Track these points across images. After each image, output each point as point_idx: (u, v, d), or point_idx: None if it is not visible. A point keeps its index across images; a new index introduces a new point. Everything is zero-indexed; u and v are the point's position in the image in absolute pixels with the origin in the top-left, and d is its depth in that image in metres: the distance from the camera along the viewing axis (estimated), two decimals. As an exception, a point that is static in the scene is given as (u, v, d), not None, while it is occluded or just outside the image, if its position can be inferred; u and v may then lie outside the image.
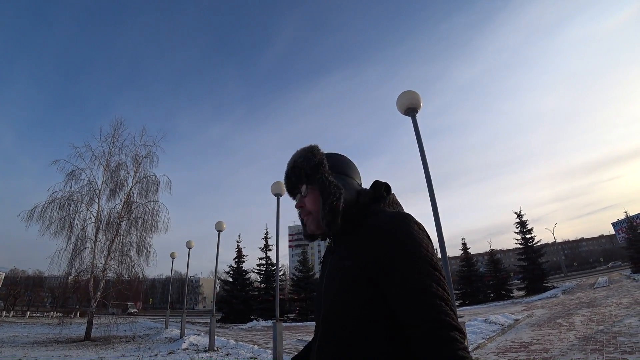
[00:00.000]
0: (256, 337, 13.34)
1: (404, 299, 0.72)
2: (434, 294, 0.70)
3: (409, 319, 0.70)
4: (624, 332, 6.87)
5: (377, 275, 0.75)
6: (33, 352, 9.58)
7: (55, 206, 13.78)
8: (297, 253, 63.59)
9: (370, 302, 0.76)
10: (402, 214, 0.83)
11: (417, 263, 0.73)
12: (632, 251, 31.24)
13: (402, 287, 0.72)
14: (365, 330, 0.75)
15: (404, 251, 0.74)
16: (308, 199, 0.95)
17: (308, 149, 0.99)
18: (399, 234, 0.76)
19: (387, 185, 0.97)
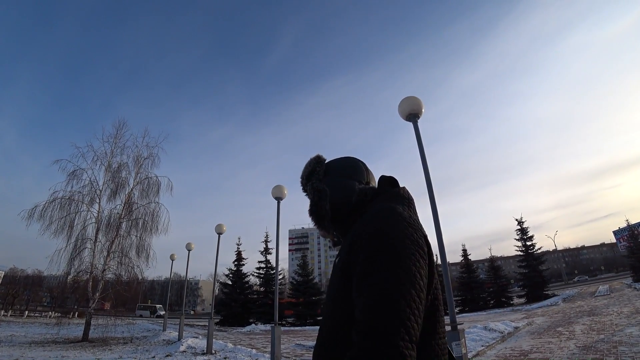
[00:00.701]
0: (254, 341, 13.27)
1: (356, 299, 0.68)
2: (384, 296, 0.63)
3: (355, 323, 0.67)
4: (624, 342, 6.82)
5: (349, 272, 0.75)
6: (30, 352, 9.55)
7: (56, 206, 13.81)
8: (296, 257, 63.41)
9: (347, 300, 0.73)
10: (384, 208, 0.81)
11: (367, 289, 0.66)
12: (634, 260, 31.06)
13: (358, 285, 0.69)
14: (340, 330, 0.73)
15: (362, 270, 0.70)
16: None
17: (311, 159, 1.08)
18: (367, 228, 0.75)
19: (391, 179, 0.99)
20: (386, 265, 0.66)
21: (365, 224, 0.77)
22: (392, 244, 0.69)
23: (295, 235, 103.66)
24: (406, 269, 0.66)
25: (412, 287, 0.65)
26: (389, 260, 0.67)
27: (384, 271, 0.66)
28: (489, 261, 30.41)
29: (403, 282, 0.64)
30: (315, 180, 1.01)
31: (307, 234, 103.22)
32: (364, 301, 0.64)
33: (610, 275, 64.08)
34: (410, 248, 0.70)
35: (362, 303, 0.65)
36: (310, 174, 1.03)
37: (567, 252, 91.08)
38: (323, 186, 0.98)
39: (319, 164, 1.05)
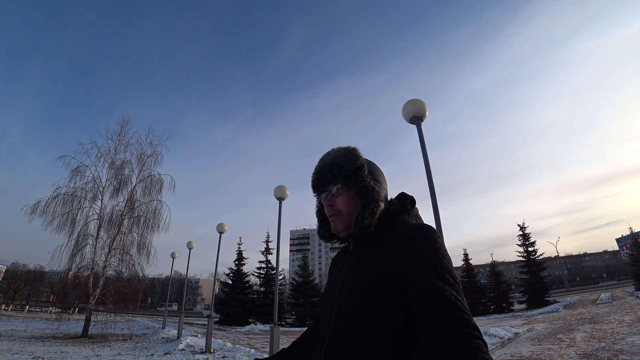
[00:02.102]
0: (253, 341, 13.26)
1: (427, 307, 0.72)
2: (455, 302, 0.70)
3: (431, 325, 0.70)
4: (625, 350, 6.76)
5: (397, 282, 0.77)
6: (30, 346, 9.59)
7: (58, 201, 13.89)
8: (297, 258, 63.40)
9: (386, 307, 0.77)
10: (426, 225, 0.86)
11: (440, 272, 0.75)
12: (636, 268, 30.81)
13: (426, 293, 0.73)
14: (375, 336, 0.76)
15: (429, 261, 0.76)
16: (341, 199, 0.95)
17: (350, 149, 0.99)
18: (424, 244, 0.79)
19: (412, 199, 0.99)
20: (448, 280, 0.74)
21: (417, 238, 0.81)
22: (447, 260, 0.78)
23: (296, 236, 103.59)
24: (459, 283, 0.76)
25: (464, 297, 0.75)
26: (449, 275, 0.75)
27: (450, 286, 0.73)
28: (490, 266, 30.32)
29: (462, 295, 0.74)
30: (368, 178, 0.95)
31: (308, 235, 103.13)
32: (446, 307, 0.70)
33: (612, 282, 63.63)
34: (452, 263, 0.80)
35: (443, 310, 0.70)
36: (359, 169, 0.95)
37: (569, 259, 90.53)
38: (378, 189, 0.94)
39: (362, 158, 0.98)
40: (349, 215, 0.93)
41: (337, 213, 0.94)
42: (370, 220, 0.89)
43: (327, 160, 0.98)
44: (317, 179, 1.01)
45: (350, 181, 0.94)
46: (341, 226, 0.94)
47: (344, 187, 0.95)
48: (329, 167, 0.97)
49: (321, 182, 1.00)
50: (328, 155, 1.00)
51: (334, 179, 0.96)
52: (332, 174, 0.96)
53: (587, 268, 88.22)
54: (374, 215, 0.89)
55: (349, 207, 0.93)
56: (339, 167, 0.95)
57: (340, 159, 0.96)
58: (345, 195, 0.94)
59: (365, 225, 0.88)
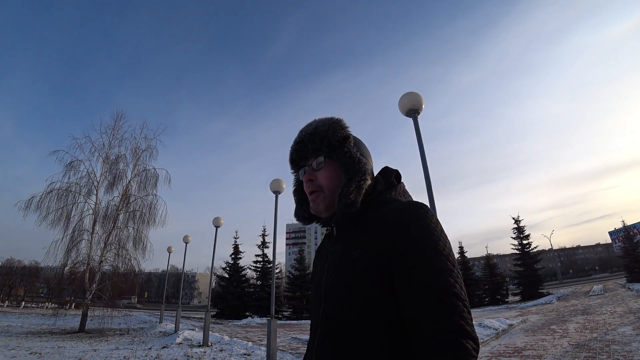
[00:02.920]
0: (250, 334, 13.34)
1: (416, 296, 0.65)
2: (450, 293, 0.63)
3: (416, 318, 0.64)
4: (617, 341, 6.89)
5: (388, 268, 0.69)
6: (27, 342, 9.57)
7: (53, 197, 13.77)
8: (293, 251, 63.67)
9: (377, 297, 0.69)
10: (418, 204, 0.75)
11: (434, 257, 0.67)
12: (628, 260, 31.30)
13: (416, 282, 0.66)
14: (367, 332, 0.69)
15: (420, 244, 0.68)
16: (323, 173, 0.84)
17: (334, 119, 0.87)
18: (415, 226, 0.70)
19: (397, 173, 0.89)
20: (443, 266, 0.66)
21: (408, 219, 0.71)
22: (443, 243, 0.70)
23: (292, 230, 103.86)
24: (457, 268, 0.68)
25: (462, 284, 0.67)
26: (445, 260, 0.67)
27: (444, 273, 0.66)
28: (485, 259, 30.63)
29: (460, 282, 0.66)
30: (354, 149, 0.84)
31: (305, 229, 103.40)
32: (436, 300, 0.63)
33: (605, 275, 64.61)
34: (450, 246, 0.72)
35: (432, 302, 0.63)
36: (345, 139, 0.85)
37: (563, 252, 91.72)
38: (367, 162, 0.84)
39: (347, 129, 0.87)
40: (331, 192, 0.82)
41: (318, 189, 0.84)
42: (357, 195, 0.78)
43: (308, 130, 0.87)
44: (296, 151, 0.89)
45: (335, 153, 0.84)
46: (322, 205, 0.83)
47: (327, 159, 0.84)
48: (310, 138, 0.85)
49: (301, 154, 0.89)
50: (309, 125, 0.89)
51: (315, 151, 0.85)
52: (314, 144, 0.85)
53: (580, 261, 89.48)
54: (360, 190, 0.79)
55: (332, 183, 0.83)
56: (322, 137, 0.84)
57: (323, 129, 0.85)
58: (327, 169, 0.84)
59: (351, 200, 0.77)
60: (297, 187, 0.97)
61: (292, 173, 0.96)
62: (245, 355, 7.76)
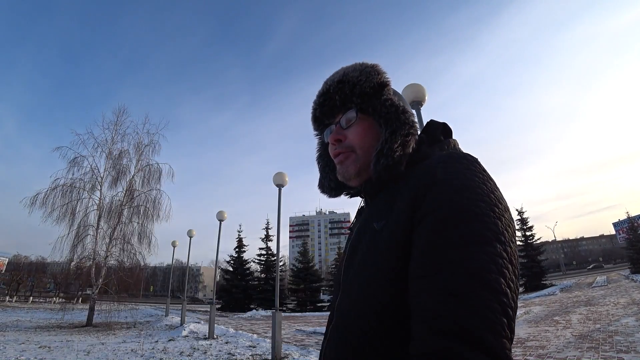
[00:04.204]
0: (255, 326, 13.48)
1: (423, 279, 0.45)
2: (474, 277, 0.41)
3: (418, 310, 0.44)
4: (620, 332, 6.90)
5: (409, 238, 0.50)
6: (36, 336, 9.73)
7: (57, 193, 13.87)
8: (297, 244, 64.01)
9: (398, 283, 0.49)
10: (460, 154, 0.56)
11: (465, 222, 0.45)
12: (632, 252, 31.21)
13: (426, 257, 0.46)
14: (390, 317, 0.50)
15: (446, 206, 0.47)
16: (355, 130, 0.66)
17: (367, 64, 0.68)
18: (447, 181, 0.50)
19: (445, 127, 0.67)
20: (479, 236, 0.44)
21: (437, 171, 0.52)
22: (488, 202, 0.47)
23: (295, 223, 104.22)
24: (505, 242, 0.45)
25: (508, 268, 0.43)
26: (483, 227, 0.45)
27: (471, 244, 0.43)
28: (488, 251, 30.62)
29: (502, 261, 0.43)
30: (395, 97, 0.66)
31: (308, 222, 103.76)
32: (442, 284, 0.42)
33: (609, 266, 64.51)
34: (503, 207, 0.49)
35: (437, 287, 0.42)
36: (382, 86, 0.66)
37: (566, 243, 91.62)
38: (411, 110, 0.65)
39: (387, 76, 0.68)
40: (365, 153, 0.64)
41: (348, 150, 0.66)
42: (402, 152, 0.59)
43: (335, 78, 0.68)
44: (319, 106, 0.71)
45: (370, 104, 0.65)
46: (353, 168, 0.65)
47: (360, 113, 0.66)
48: (338, 86, 0.67)
49: (325, 110, 0.70)
50: (337, 73, 0.70)
51: (345, 103, 0.67)
52: (343, 94, 0.66)
53: (584, 252, 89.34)
54: (407, 146, 0.60)
55: (366, 141, 0.64)
56: (353, 85, 0.65)
57: (354, 74, 0.66)
58: (360, 124, 0.66)
59: (396, 160, 0.59)
60: (322, 151, 0.79)
61: (316, 135, 0.79)
62: (250, 347, 7.85)
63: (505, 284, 0.41)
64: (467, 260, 0.42)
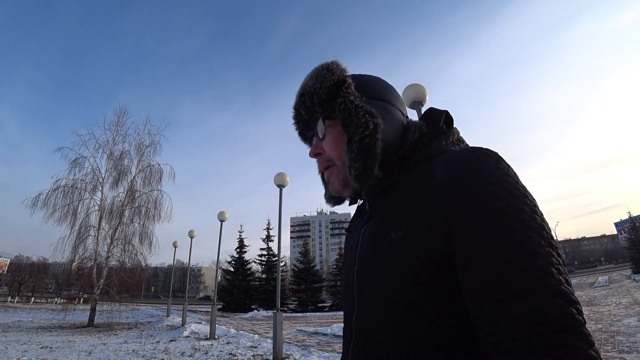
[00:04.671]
0: (256, 327, 13.49)
1: (481, 277, 0.41)
2: (539, 283, 0.38)
3: (486, 310, 0.40)
4: (622, 332, 6.88)
5: (444, 251, 0.45)
6: (37, 336, 9.74)
7: (59, 194, 13.89)
8: (298, 244, 64.05)
9: (431, 297, 0.46)
10: (483, 150, 0.50)
11: (511, 217, 0.42)
12: (634, 252, 31.14)
13: (483, 257, 0.42)
14: (419, 346, 0.46)
15: (487, 201, 0.44)
16: (327, 142, 0.62)
17: (323, 65, 0.62)
18: (480, 180, 0.46)
19: (447, 115, 0.63)
20: (529, 228, 0.42)
21: (465, 170, 0.47)
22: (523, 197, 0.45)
23: (296, 223, 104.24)
24: (548, 232, 0.43)
25: (559, 252, 0.42)
26: (529, 219, 0.43)
27: (529, 237, 0.41)
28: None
29: (554, 248, 0.42)
30: (352, 96, 0.58)
31: (309, 222, 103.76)
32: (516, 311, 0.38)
33: (610, 266, 64.35)
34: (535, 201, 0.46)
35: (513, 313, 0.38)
36: (337, 86, 0.59)
37: (568, 243, 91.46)
38: (371, 108, 0.56)
39: (339, 71, 0.60)
40: (344, 163, 0.59)
41: (329, 163, 0.62)
42: (363, 160, 0.54)
43: (298, 92, 0.64)
44: (297, 123, 0.67)
45: (331, 108, 0.60)
46: (337, 183, 0.61)
47: (327, 121, 0.61)
48: (301, 100, 0.63)
49: (302, 125, 0.66)
50: (301, 84, 0.65)
51: (311, 115, 0.63)
52: (306, 107, 0.62)
53: (586, 252, 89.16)
54: (367, 152, 0.54)
55: (340, 151, 0.59)
56: (311, 95, 0.60)
57: (310, 83, 0.61)
58: (331, 134, 0.61)
59: (359, 171, 0.54)
60: None
61: (306, 145, 0.73)
62: (251, 348, 7.85)
63: (559, 266, 0.40)
64: (540, 279, 0.39)
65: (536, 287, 0.38)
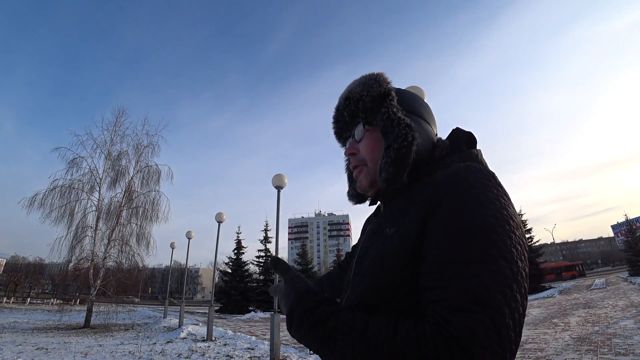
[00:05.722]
0: (254, 328, 13.45)
1: (429, 289, 0.47)
2: (470, 294, 0.43)
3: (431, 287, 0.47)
4: (619, 334, 6.91)
5: (419, 247, 0.52)
6: (33, 338, 9.68)
7: (56, 194, 13.83)
8: (296, 246, 63.97)
9: (405, 282, 0.53)
10: (475, 167, 0.56)
11: (472, 238, 0.46)
12: (631, 254, 31.26)
13: (432, 272, 0.48)
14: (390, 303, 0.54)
15: (457, 215, 0.49)
16: (364, 144, 0.70)
17: (369, 75, 0.71)
18: (459, 191, 0.51)
19: (470, 136, 0.68)
20: (481, 252, 0.45)
21: (456, 185, 0.53)
22: (495, 224, 0.48)
23: (294, 224, 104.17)
24: (507, 260, 0.45)
25: (512, 286, 0.44)
26: (486, 246, 0.46)
27: (473, 262, 0.45)
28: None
29: (498, 280, 0.43)
30: (395, 108, 0.65)
31: (307, 223, 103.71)
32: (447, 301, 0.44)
33: (607, 268, 64.62)
34: (517, 232, 0.49)
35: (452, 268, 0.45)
36: (382, 97, 0.67)
37: (565, 245, 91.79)
38: (411, 122, 0.64)
39: (386, 84, 0.69)
40: (375, 165, 0.67)
41: (361, 163, 0.70)
42: (396, 166, 0.61)
43: (343, 95, 0.73)
44: (335, 123, 0.76)
45: (374, 117, 0.68)
46: (365, 181, 0.70)
47: (367, 126, 0.69)
48: (345, 104, 0.71)
49: (341, 125, 0.75)
50: (346, 88, 0.74)
51: (353, 118, 0.71)
52: (350, 111, 0.70)
53: (583, 254, 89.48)
54: (403, 160, 0.61)
55: (375, 154, 0.68)
56: (357, 100, 0.69)
57: (357, 90, 0.69)
58: (368, 138, 0.69)
59: (390, 175, 0.62)
60: (349, 162, 0.81)
61: (341, 147, 0.82)
62: (249, 350, 7.83)
63: (504, 302, 0.42)
64: (468, 278, 0.44)
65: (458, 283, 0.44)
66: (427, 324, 0.43)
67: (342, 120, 0.74)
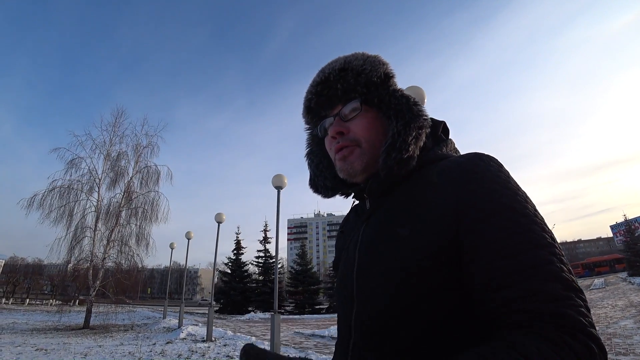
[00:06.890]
0: (254, 329, 13.43)
1: (488, 265, 0.44)
2: (553, 268, 0.41)
3: (494, 295, 0.42)
4: (619, 334, 6.91)
5: (452, 240, 0.48)
6: (32, 339, 9.66)
7: (55, 194, 13.80)
8: (295, 246, 63.94)
9: (440, 290, 0.47)
10: (484, 155, 0.54)
11: (515, 212, 0.46)
12: (630, 254, 31.31)
13: (489, 248, 0.44)
14: (439, 333, 0.47)
15: (492, 198, 0.47)
16: (359, 123, 0.61)
17: (369, 54, 0.64)
18: (487, 181, 0.49)
19: (444, 126, 0.65)
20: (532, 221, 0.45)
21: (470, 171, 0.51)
22: (524, 198, 0.48)
23: (294, 225, 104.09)
24: (548, 228, 0.46)
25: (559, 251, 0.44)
26: (532, 215, 0.46)
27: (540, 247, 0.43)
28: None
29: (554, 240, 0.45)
30: (402, 90, 0.62)
31: (306, 224, 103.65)
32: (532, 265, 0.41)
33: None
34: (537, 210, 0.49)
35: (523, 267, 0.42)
36: (387, 78, 0.62)
37: (564, 246, 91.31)
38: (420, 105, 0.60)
39: (388, 66, 0.64)
40: (372, 147, 0.60)
41: (352, 143, 0.60)
42: (415, 147, 0.56)
43: (335, 66, 0.63)
44: (316, 95, 0.65)
45: (376, 94, 0.61)
46: (359, 163, 0.60)
47: (364, 105, 0.61)
48: (340, 75, 0.61)
49: (323, 100, 0.64)
50: (335, 61, 0.64)
51: (347, 92, 0.61)
52: (346, 83, 0.61)
53: (582, 254, 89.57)
54: (419, 140, 0.57)
55: (372, 134, 0.60)
56: (357, 73, 0.61)
57: (358, 63, 0.61)
58: (364, 116, 0.61)
59: (409, 155, 0.55)
60: (314, 147, 0.73)
61: (307, 129, 0.73)
62: (248, 350, 7.82)
63: (576, 280, 0.42)
64: (546, 266, 0.42)
65: (538, 273, 0.41)
66: (534, 327, 0.39)
67: (329, 94, 0.63)
